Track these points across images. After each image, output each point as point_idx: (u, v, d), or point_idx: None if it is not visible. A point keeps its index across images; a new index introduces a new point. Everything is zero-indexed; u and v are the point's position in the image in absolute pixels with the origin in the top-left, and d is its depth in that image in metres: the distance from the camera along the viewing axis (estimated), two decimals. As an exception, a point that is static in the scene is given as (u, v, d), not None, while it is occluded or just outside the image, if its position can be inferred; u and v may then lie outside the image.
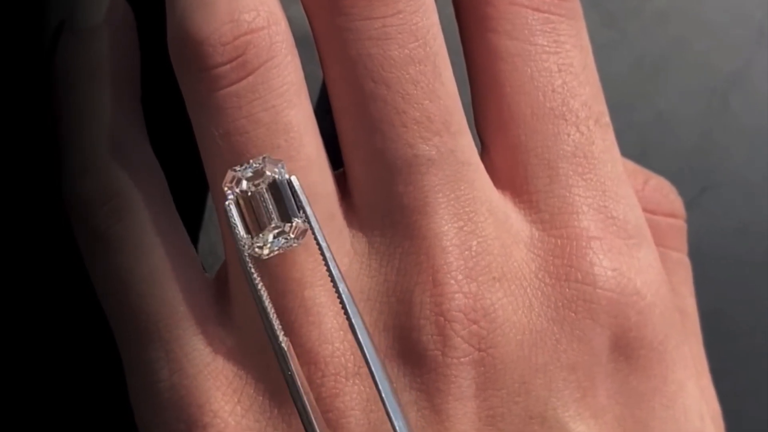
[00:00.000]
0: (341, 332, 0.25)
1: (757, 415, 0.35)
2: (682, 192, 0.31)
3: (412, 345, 0.25)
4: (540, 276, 0.26)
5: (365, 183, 0.26)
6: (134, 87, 0.28)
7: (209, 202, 0.32)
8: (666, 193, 0.30)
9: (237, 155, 0.25)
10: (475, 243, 0.26)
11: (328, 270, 0.25)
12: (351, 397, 0.25)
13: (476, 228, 0.26)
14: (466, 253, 0.26)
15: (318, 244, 0.25)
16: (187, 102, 0.26)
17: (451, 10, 0.28)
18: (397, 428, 0.24)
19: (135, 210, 0.26)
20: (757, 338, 0.35)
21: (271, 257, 0.25)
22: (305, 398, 0.24)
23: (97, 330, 0.29)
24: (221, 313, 0.26)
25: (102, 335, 0.28)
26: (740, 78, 0.35)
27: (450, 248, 0.25)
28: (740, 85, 0.35)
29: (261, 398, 0.26)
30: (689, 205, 0.33)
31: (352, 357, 0.25)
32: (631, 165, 0.29)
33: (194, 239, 0.32)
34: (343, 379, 0.25)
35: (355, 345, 0.25)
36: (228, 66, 0.25)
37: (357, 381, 0.25)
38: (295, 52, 0.26)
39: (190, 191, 0.31)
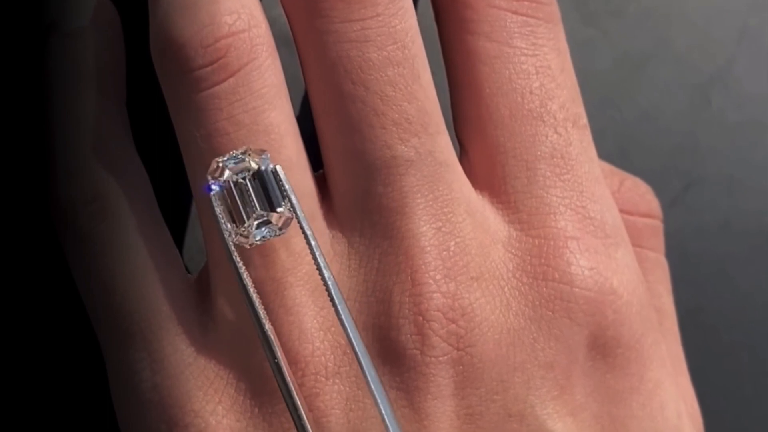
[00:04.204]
0: (321, 332, 0.26)
1: (736, 414, 0.35)
2: (665, 189, 0.31)
3: (391, 344, 0.25)
4: (518, 275, 0.26)
5: (344, 184, 0.26)
6: (119, 89, 0.28)
7: (194, 203, 0.32)
8: (642, 194, 0.30)
9: (218, 156, 0.26)
10: (453, 243, 0.26)
11: (314, 259, 0.25)
12: (331, 397, 0.25)
13: (454, 228, 0.26)
14: (444, 253, 0.26)
15: (303, 231, 0.25)
16: (169, 104, 0.26)
17: (430, 13, 0.28)
18: (386, 419, 0.24)
19: (118, 211, 0.27)
20: (739, 335, 0.35)
21: (252, 257, 0.25)
22: (294, 390, 0.25)
23: (80, 331, 0.29)
24: (203, 314, 0.27)
25: (85, 336, 0.28)
26: (722, 76, 0.35)
27: (428, 248, 0.26)
28: (722, 83, 0.35)
29: (242, 398, 0.26)
30: (672, 203, 0.33)
31: (332, 356, 0.25)
32: (607, 166, 0.30)
33: (179, 240, 0.32)
34: (323, 379, 0.25)
35: (336, 344, 0.25)
36: (209, 68, 0.25)
37: (337, 380, 0.25)
38: (276, 54, 0.26)
39: (176, 193, 0.31)
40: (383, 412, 0.25)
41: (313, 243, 0.25)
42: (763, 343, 0.35)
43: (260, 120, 0.26)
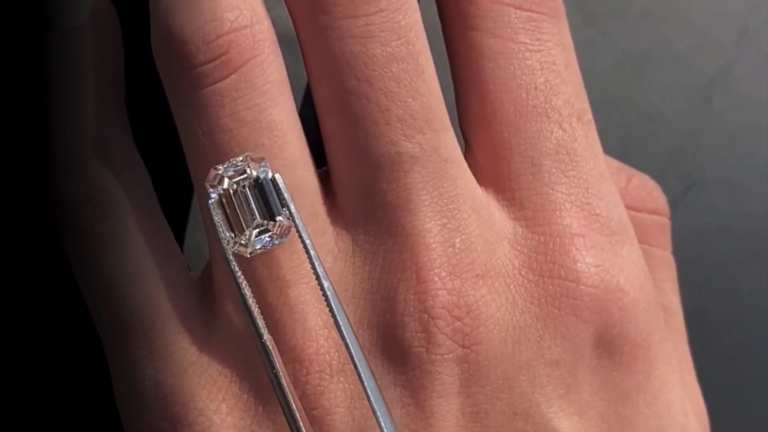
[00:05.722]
0: (325, 330, 0.25)
1: (737, 415, 0.35)
2: (665, 191, 0.31)
3: (396, 342, 0.25)
4: (523, 273, 0.26)
5: (349, 181, 0.26)
6: (118, 87, 0.28)
7: (195, 201, 0.32)
8: (650, 191, 0.30)
9: (221, 153, 0.25)
10: (458, 240, 0.26)
11: (313, 268, 0.25)
12: (335, 395, 0.25)
13: (459, 225, 0.26)
14: (450, 250, 0.26)
15: (302, 241, 0.25)
16: (171, 101, 0.26)
17: (434, 9, 0.28)
18: (382, 425, 0.24)
19: (118, 208, 0.26)
20: (739, 337, 0.35)
21: (255, 256, 0.25)
22: (290, 396, 0.24)
23: (82, 329, 0.29)
24: (206, 312, 0.26)
25: (87, 334, 0.28)
26: (723, 77, 0.35)
27: (433, 245, 0.26)
28: (723, 84, 0.35)
29: (246, 396, 0.26)
30: (673, 204, 0.33)
31: (336, 354, 0.25)
32: (614, 163, 0.30)
33: (180, 238, 0.32)
34: (328, 377, 0.25)
35: (340, 342, 0.25)
36: (211, 64, 0.25)
37: (341, 378, 0.25)
38: (278, 51, 0.26)
39: (176, 191, 0.31)
40: (378, 413, 0.24)
41: (312, 253, 0.25)
42: (763, 344, 0.35)
43: (263, 117, 0.25)
